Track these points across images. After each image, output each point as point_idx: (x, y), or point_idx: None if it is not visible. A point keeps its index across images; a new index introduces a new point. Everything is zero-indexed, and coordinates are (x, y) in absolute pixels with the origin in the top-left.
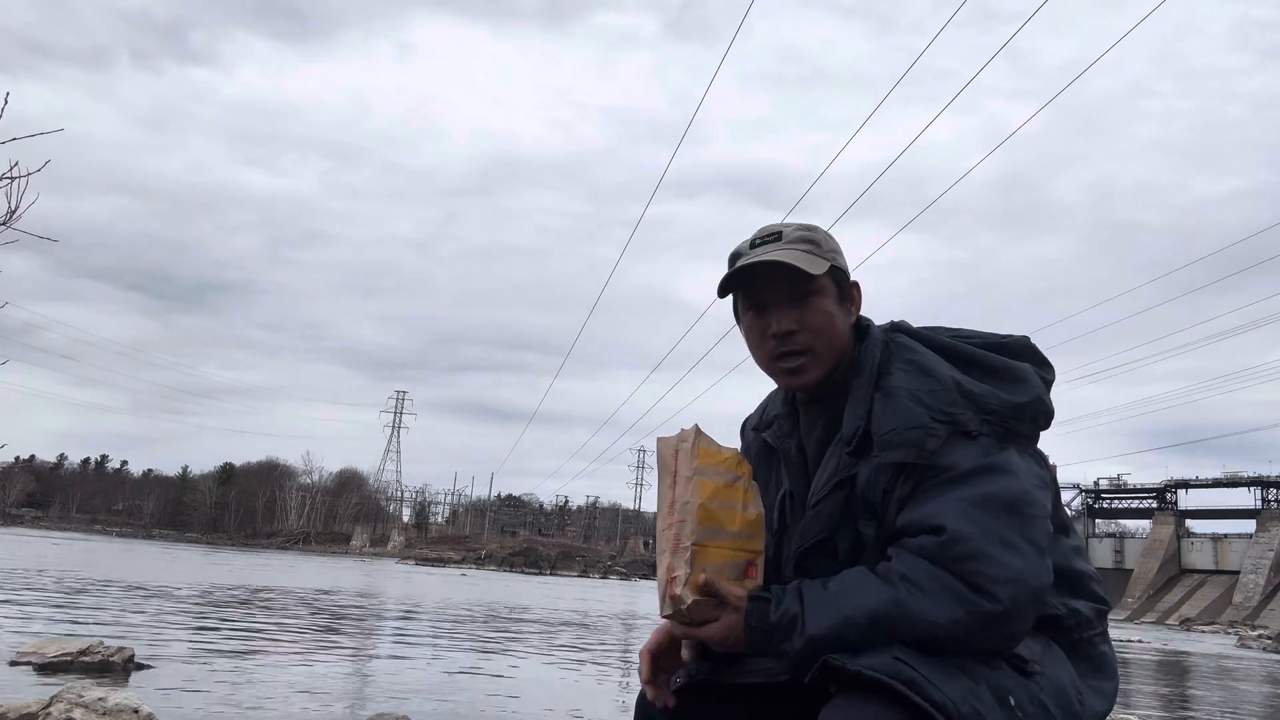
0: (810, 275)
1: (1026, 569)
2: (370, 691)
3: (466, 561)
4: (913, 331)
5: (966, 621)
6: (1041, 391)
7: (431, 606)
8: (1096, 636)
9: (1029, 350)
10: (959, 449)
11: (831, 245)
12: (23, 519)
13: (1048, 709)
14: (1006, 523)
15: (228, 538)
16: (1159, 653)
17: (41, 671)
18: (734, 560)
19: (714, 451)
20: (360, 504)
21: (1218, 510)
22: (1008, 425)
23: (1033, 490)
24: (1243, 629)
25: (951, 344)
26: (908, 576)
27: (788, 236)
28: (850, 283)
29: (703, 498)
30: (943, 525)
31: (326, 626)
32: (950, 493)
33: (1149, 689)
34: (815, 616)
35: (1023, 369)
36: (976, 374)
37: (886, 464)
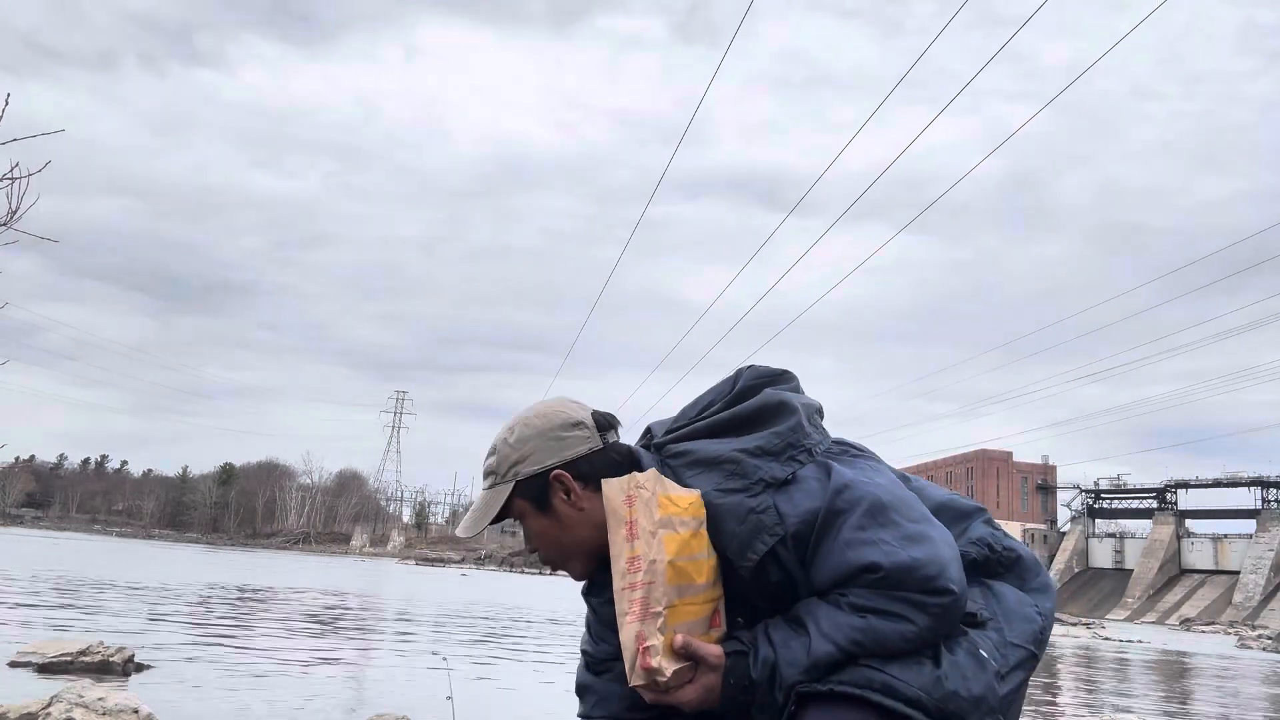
0: (496, 519)
1: (943, 545)
2: (370, 692)
3: (466, 561)
4: (673, 437)
5: (939, 620)
6: (795, 401)
7: (431, 607)
8: (1005, 541)
9: (756, 375)
10: (797, 499)
11: (509, 456)
12: (23, 519)
13: (1017, 645)
14: (897, 520)
15: (228, 538)
16: (1159, 653)
17: (41, 671)
18: (701, 615)
19: (675, 499)
20: (360, 504)
21: (1218, 510)
22: (804, 447)
23: (877, 480)
24: (1243, 629)
25: (706, 425)
26: (866, 606)
27: (484, 475)
28: (545, 477)
29: (670, 554)
30: (872, 564)
31: (326, 627)
32: (838, 536)
33: (1149, 689)
34: (789, 660)
35: (765, 398)
36: (743, 431)
37: (760, 564)
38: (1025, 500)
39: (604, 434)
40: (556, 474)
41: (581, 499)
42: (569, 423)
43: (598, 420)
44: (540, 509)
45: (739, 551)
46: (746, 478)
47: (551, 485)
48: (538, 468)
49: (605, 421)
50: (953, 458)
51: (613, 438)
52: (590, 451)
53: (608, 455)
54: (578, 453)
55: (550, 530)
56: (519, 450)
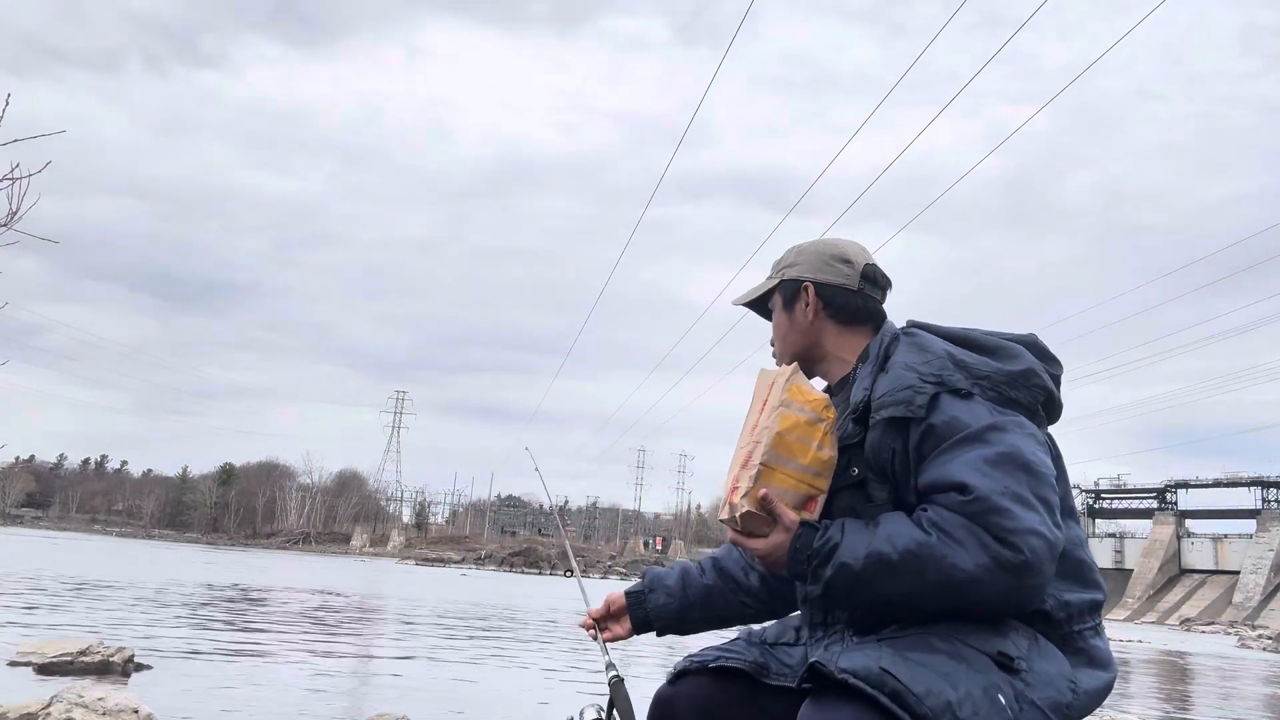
0: (753, 302)
1: (1042, 523)
2: (370, 691)
3: (466, 561)
4: (923, 325)
5: (991, 568)
6: (1035, 366)
7: (431, 607)
8: (1088, 630)
9: (1033, 345)
10: (958, 407)
11: (788, 260)
12: (23, 519)
13: (1038, 706)
14: (1021, 479)
15: (228, 538)
16: (1159, 653)
17: (41, 671)
18: (796, 490)
19: (805, 391)
20: (360, 504)
21: (1218, 510)
22: (999, 390)
23: (1039, 451)
24: (1243, 629)
25: (953, 330)
26: (939, 524)
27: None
28: (798, 285)
29: (782, 427)
30: (965, 483)
31: (326, 627)
32: (966, 452)
33: (1149, 689)
34: (851, 546)
35: (1017, 348)
36: (971, 349)
37: (884, 424)
38: None
39: (865, 283)
40: (807, 285)
41: (816, 315)
42: (840, 257)
43: (866, 271)
44: (786, 307)
45: (877, 406)
46: (931, 369)
47: (800, 292)
48: (798, 275)
49: (873, 274)
50: None
51: (872, 290)
52: (844, 286)
53: (856, 298)
54: (834, 281)
55: (783, 326)
56: (795, 258)
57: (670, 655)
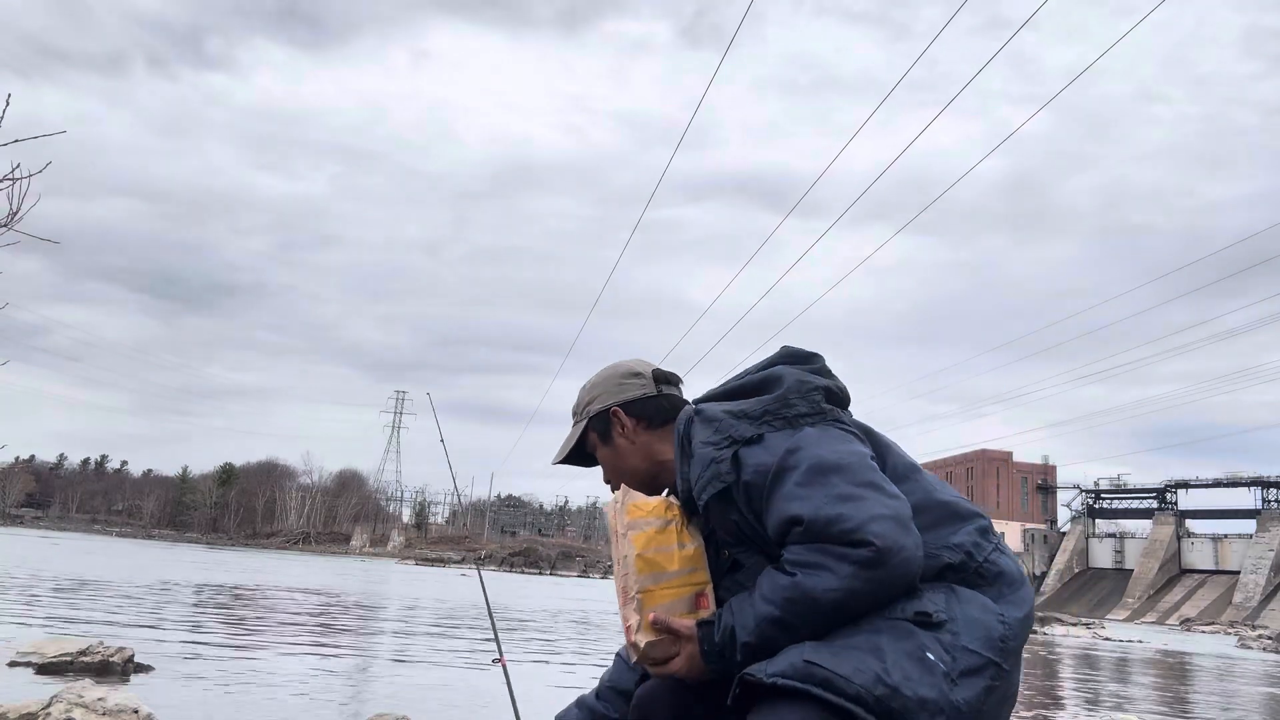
0: (571, 454)
1: (876, 506)
2: (370, 691)
3: (466, 561)
4: (703, 398)
5: (857, 573)
6: (795, 376)
7: (431, 607)
8: (991, 554)
9: (785, 354)
10: (756, 454)
11: (584, 400)
12: (22, 519)
13: (970, 649)
14: (835, 481)
15: (228, 538)
16: (1159, 653)
17: (41, 672)
18: (681, 597)
19: (641, 504)
20: (360, 504)
21: (1218, 510)
22: (782, 416)
23: (839, 447)
24: (1243, 629)
25: (724, 388)
26: (795, 561)
27: (572, 415)
28: (607, 415)
29: (639, 549)
30: (795, 515)
31: (326, 627)
32: (781, 487)
33: (1149, 689)
34: (742, 624)
35: (774, 372)
36: (737, 399)
37: (712, 503)
38: (1025, 500)
39: (660, 385)
40: (614, 410)
41: (634, 433)
42: (629, 373)
43: (657, 375)
44: (604, 441)
45: (697, 492)
46: (720, 434)
47: (611, 421)
48: (601, 406)
49: (663, 376)
50: (953, 458)
51: (668, 390)
52: (644, 396)
53: (659, 401)
54: (633, 396)
55: (610, 459)
56: (590, 394)
57: None
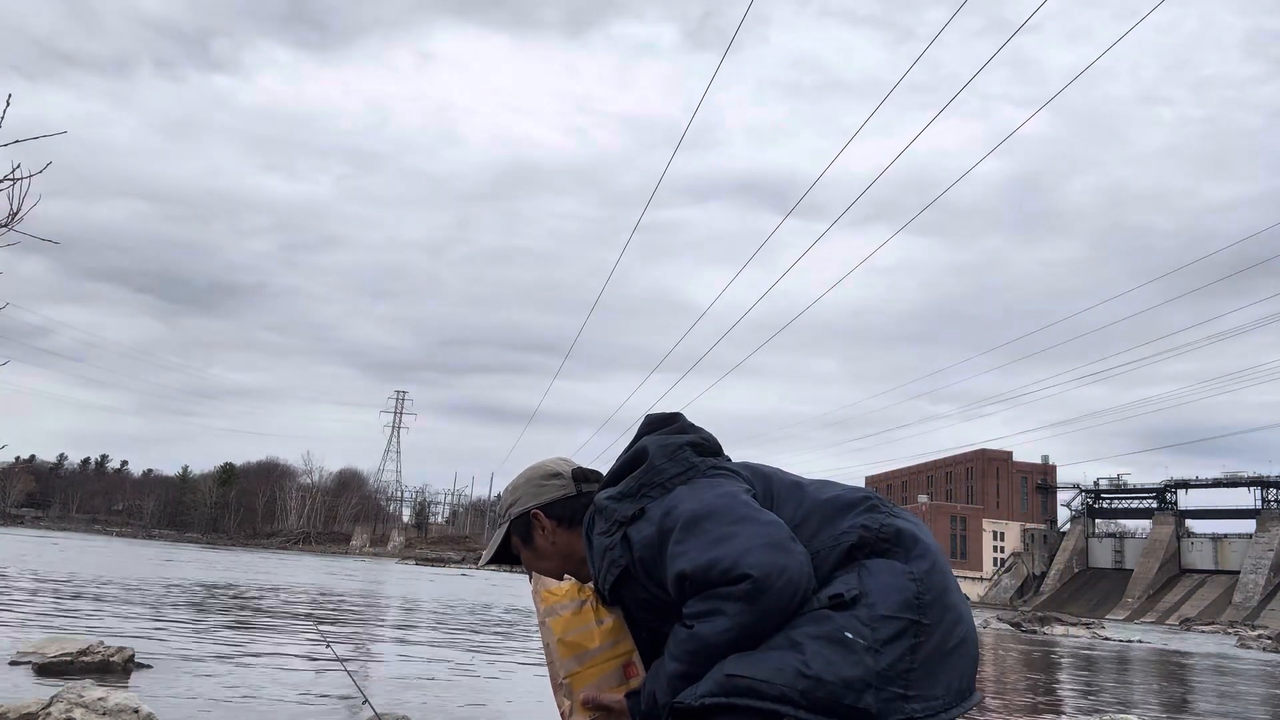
0: (498, 553)
1: (748, 538)
2: (370, 691)
3: (466, 561)
4: (594, 487)
5: (746, 607)
6: (658, 443)
7: (431, 606)
8: (885, 522)
9: (645, 424)
10: (641, 530)
11: (507, 501)
12: (23, 519)
13: (890, 616)
14: (706, 528)
15: (228, 538)
16: (1159, 653)
17: (41, 672)
18: (609, 671)
19: (554, 590)
20: (360, 504)
21: (1218, 510)
22: (654, 483)
23: (706, 495)
24: (1243, 629)
25: (605, 478)
26: (691, 613)
27: (497, 516)
28: (527, 517)
29: (558, 633)
30: (681, 571)
31: (326, 626)
32: (665, 552)
33: (1149, 689)
34: (661, 688)
35: (637, 446)
36: (616, 483)
37: (616, 587)
38: (1025, 500)
39: (579, 484)
40: (534, 513)
41: (553, 535)
42: (549, 474)
43: (576, 473)
44: (526, 542)
45: (600, 583)
46: (608, 519)
47: (532, 523)
48: (522, 509)
49: (583, 475)
50: (953, 458)
51: (588, 488)
52: (564, 498)
53: (576, 501)
54: (552, 497)
55: (532, 560)
56: (511, 496)
57: None
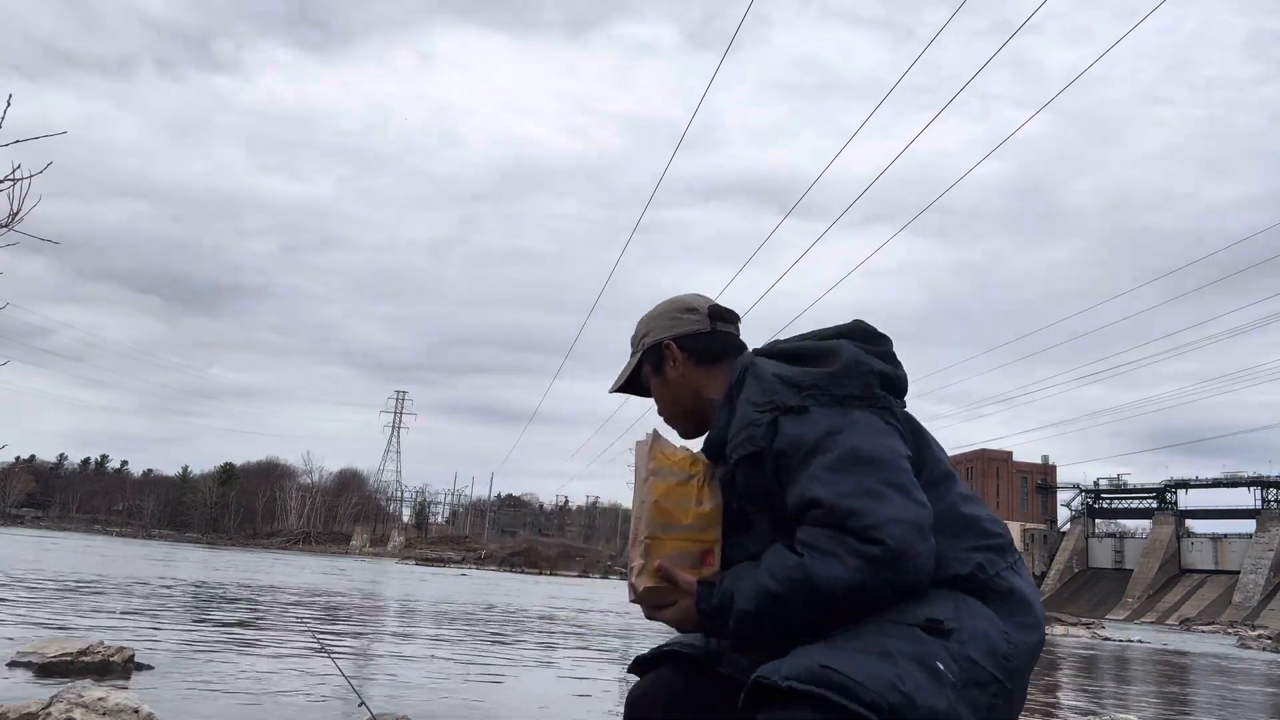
0: (627, 383)
1: (898, 508)
2: (370, 692)
3: (466, 561)
4: (762, 350)
5: (865, 568)
6: (855, 356)
7: (431, 607)
8: (1004, 571)
9: (855, 329)
10: (795, 425)
11: (640, 332)
12: (23, 519)
13: (975, 661)
14: (866, 474)
15: (228, 538)
16: (1159, 653)
17: (41, 672)
18: (688, 550)
19: (669, 453)
20: (360, 504)
21: (1218, 510)
22: (830, 393)
23: (879, 440)
24: (1243, 629)
25: (784, 346)
26: (807, 543)
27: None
28: (660, 347)
29: (656, 495)
30: (816, 497)
31: (326, 626)
32: (811, 466)
33: (1149, 689)
34: (742, 592)
35: (835, 344)
36: (793, 363)
37: (741, 462)
38: (1025, 500)
39: (715, 322)
40: (666, 343)
41: (683, 368)
42: (685, 308)
43: (712, 311)
44: (657, 372)
45: (730, 448)
46: (765, 396)
47: (664, 353)
48: (655, 339)
49: (720, 313)
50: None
51: (724, 327)
52: (698, 332)
53: (711, 338)
54: (686, 330)
55: (661, 390)
56: (645, 327)
57: None
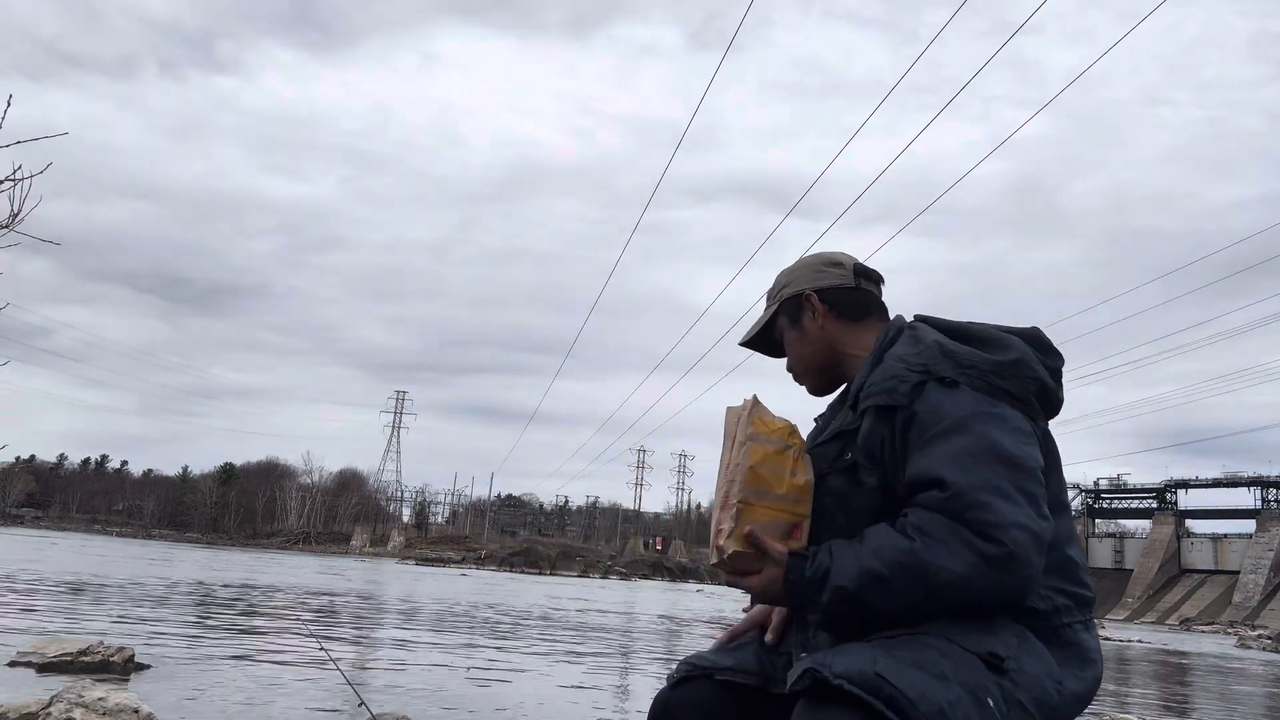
0: (761, 334)
1: (1025, 515)
2: (370, 692)
3: (466, 561)
4: (926, 319)
5: (978, 565)
6: (1025, 356)
7: (431, 606)
8: (1076, 624)
9: (1032, 337)
10: (942, 396)
11: (781, 283)
12: (23, 519)
13: (1024, 706)
14: (1002, 473)
15: (228, 538)
16: (1159, 653)
17: (41, 671)
18: (779, 520)
19: (768, 421)
20: (360, 504)
21: (1218, 510)
22: (986, 380)
23: (1023, 444)
24: (1243, 629)
25: (952, 323)
26: (921, 528)
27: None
28: (800, 298)
29: (753, 461)
30: (943, 478)
31: (326, 626)
32: (946, 444)
33: (1149, 689)
34: (842, 568)
35: (1009, 339)
36: (958, 340)
37: (872, 411)
38: None
39: (860, 279)
40: (807, 294)
41: (823, 320)
42: (830, 262)
43: (857, 268)
44: (793, 323)
45: (865, 394)
46: (920, 358)
47: (803, 304)
48: (795, 290)
49: (865, 271)
50: None
51: (867, 285)
52: (842, 286)
53: (855, 294)
54: (829, 284)
55: (796, 342)
56: (786, 278)
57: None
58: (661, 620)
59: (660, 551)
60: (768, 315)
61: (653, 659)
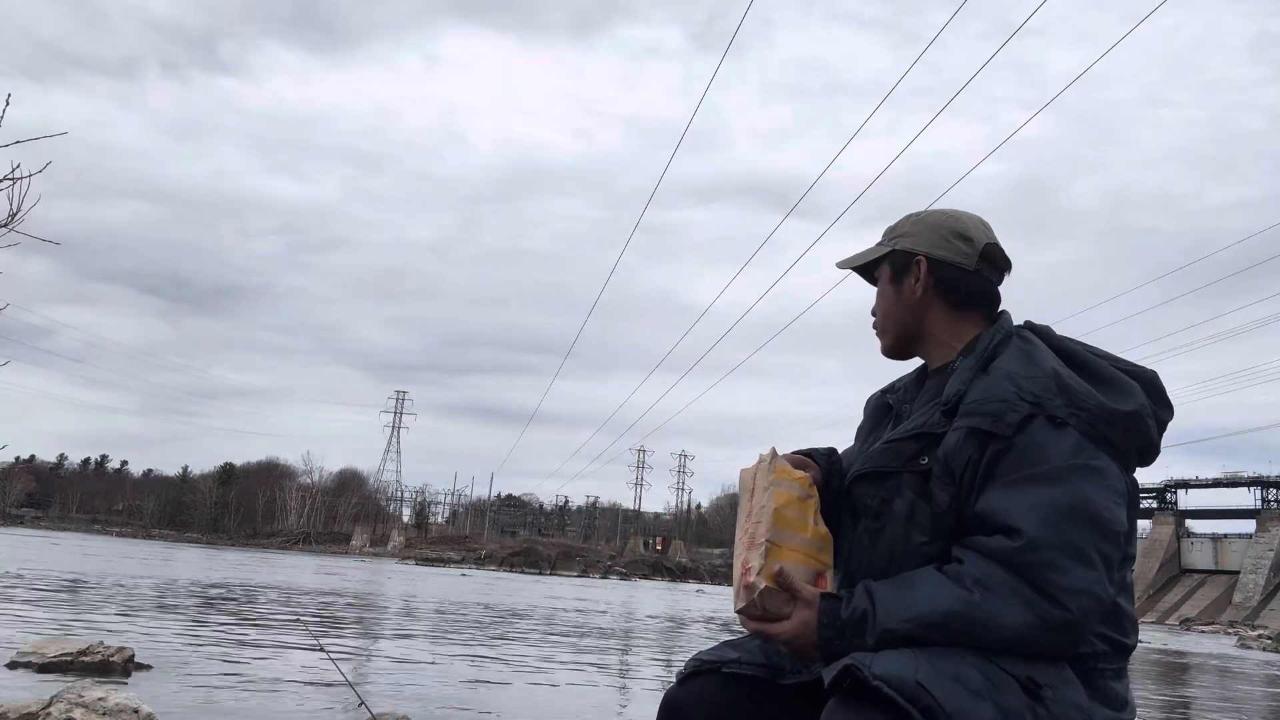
0: (859, 267)
1: (1095, 582)
2: (370, 692)
3: (466, 561)
4: (1038, 330)
5: (1037, 626)
6: (1144, 409)
7: (431, 606)
8: (1110, 671)
9: (1151, 381)
10: (1046, 436)
11: (903, 228)
12: (23, 519)
13: None
14: (1085, 534)
15: (228, 538)
16: (1159, 653)
17: (41, 671)
18: (806, 566)
19: (788, 470)
20: (360, 504)
21: (1218, 510)
22: (1096, 427)
23: (1115, 504)
24: (1243, 629)
25: (1069, 346)
26: (982, 581)
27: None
28: (911, 258)
29: (778, 504)
30: (1019, 528)
31: (326, 626)
32: (1035, 491)
33: (1149, 689)
34: (890, 611)
35: (1130, 385)
36: (1081, 375)
37: (967, 431)
38: None
39: (983, 263)
40: (920, 258)
41: (925, 290)
42: (960, 233)
43: (987, 251)
44: (894, 279)
45: (964, 412)
46: (1033, 387)
47: (911, 266)
48: (911, 247)
49: (993, 255)
50: None
51: (989, 273)
52: (961, 267)
53: (971, 279)
54: (948, 257)
55: (888, 298)
56: (910, 227)
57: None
58: (661, 620)
59: (660, 551)
60: (876, 254)
61: (653, 659)
